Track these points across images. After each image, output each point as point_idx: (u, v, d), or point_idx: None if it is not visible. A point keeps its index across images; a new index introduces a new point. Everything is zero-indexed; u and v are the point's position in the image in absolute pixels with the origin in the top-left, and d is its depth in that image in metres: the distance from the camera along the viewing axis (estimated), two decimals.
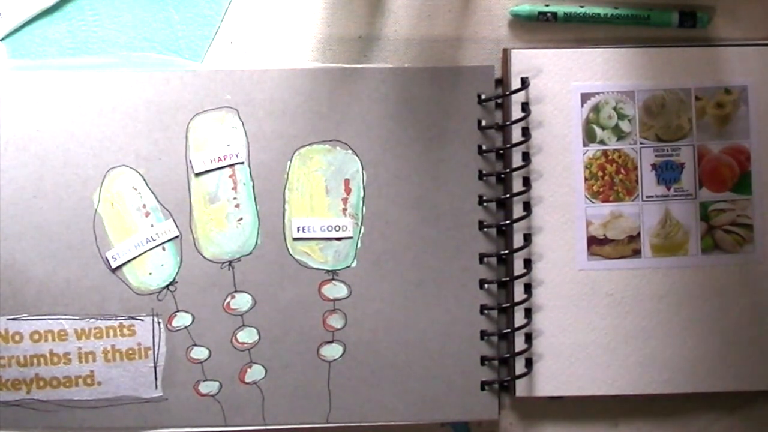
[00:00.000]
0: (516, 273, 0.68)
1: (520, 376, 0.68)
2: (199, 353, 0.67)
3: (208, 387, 0.67)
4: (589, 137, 0.69)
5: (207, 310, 0.67)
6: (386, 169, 0.68)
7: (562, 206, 0.68)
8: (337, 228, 0.67)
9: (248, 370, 0.67)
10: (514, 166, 0.68)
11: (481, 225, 0.68)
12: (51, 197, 0.66)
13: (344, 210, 0.68)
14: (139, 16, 0.68)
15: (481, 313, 0.68)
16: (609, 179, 0.69)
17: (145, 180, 0.67)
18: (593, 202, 0.68)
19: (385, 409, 0.67)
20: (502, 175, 0.68)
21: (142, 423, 0.66)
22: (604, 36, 0.70)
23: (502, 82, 0.69)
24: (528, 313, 0.68)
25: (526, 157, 0.68)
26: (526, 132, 0.68)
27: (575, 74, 0.68)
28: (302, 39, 0.69)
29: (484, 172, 0.68)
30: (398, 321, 0.67)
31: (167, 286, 0.67)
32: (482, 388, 0.68)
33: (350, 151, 0.68)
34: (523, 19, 0.69)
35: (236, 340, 0.67)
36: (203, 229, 0.67)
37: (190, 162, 0.67)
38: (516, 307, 0.68)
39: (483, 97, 0.68)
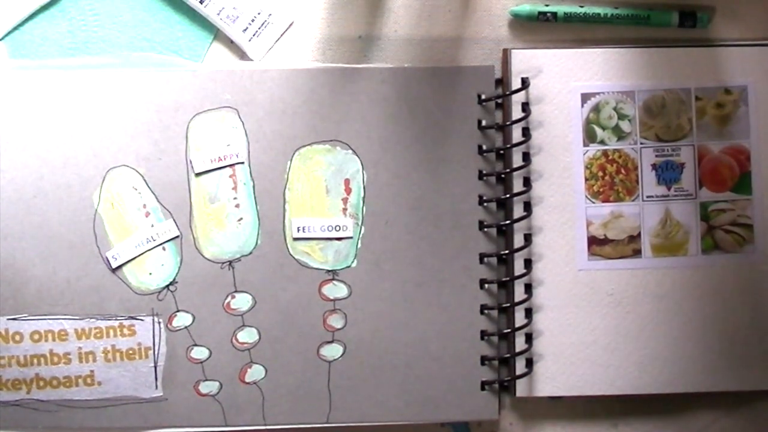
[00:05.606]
0: (516, 273, 0.68)
1: (520, 376, 0.68)
2: (199, 353, 0.67)
3: (208, 387, 0.67)
4: (590, 137, 0.69)
5: (207, 310, 0.67)
6: (386, 169, 0.68)
7: (562, 206, 0.68)
8: (337, 228, 0.67)
9: (248, 370, 0.67)
10: (515, 166, 0.68)
11: (482, 225, 0.68)
12: (51, 197, 0.66)
13: (344, 210, 0.68)
14: (139, 16, 0.68)
15: (482, 313, 0.68)
16: (609, 179, 0.68)
17: (145, 180, 0.67)
18: (593, 202, 0.68)
19: (385, 409, 0.67)
20: (503, 175, 0.68)
21: (142, 423, 0.66)
22: (604, 36, 0.70)
23: (502, 82, 0.69)
24: (528, 313, 0.68)
25: (526, 157, 0.68)
26: (526, 132, 0.68)
27: (575, 74, 0.69)
28: (302, 39, 0.69)
29: (484, 172, 0.68)
30: (398, 321, 0.67)
31: (167, 286, 0.67)
32: (482, 388, 0.68)
33: (350, 151, 0.68)
34: (523, 19, 0.69)
35: (236, 340, 0.67)
36: (203, 229, 0.67)
37: (190, 162, 0.67)
38: (516, 307, 0.68)
39: (483, 97, 0.68)
